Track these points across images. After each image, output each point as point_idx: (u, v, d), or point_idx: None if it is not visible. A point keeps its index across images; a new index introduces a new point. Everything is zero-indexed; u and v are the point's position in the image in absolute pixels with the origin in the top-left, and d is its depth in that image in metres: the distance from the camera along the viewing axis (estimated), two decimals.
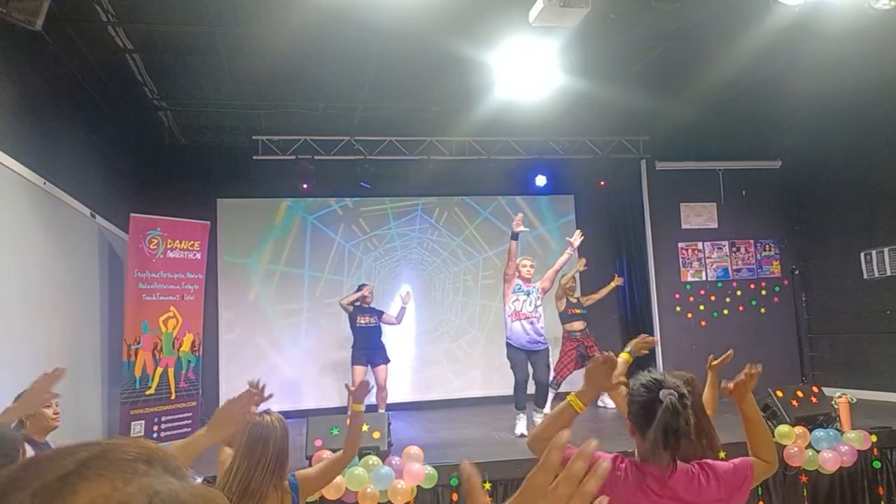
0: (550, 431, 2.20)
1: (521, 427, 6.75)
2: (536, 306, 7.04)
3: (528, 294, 7.07)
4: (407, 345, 9.77)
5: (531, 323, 6.99)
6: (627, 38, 6.46)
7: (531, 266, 7.20)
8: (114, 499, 0.64)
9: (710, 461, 2.21)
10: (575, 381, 8.43)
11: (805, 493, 5.67)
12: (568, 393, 2.31)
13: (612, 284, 8.85)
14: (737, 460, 2.25)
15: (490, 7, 5.68)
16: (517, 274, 7.06)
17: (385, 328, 8.29)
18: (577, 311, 8.56)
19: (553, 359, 7.71)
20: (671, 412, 2.01)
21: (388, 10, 5.35)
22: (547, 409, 7.18)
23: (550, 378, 7.37)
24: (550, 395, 8.56)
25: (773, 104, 8.32)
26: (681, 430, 2.02)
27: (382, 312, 8.32)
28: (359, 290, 8.18)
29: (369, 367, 8.17)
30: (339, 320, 9.52)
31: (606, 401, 8.57)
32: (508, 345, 7.07)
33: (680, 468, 2.11)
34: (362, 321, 8.16)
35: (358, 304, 8.16)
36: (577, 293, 8.99)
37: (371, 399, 8.57)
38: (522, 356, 6.99)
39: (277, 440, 2.86)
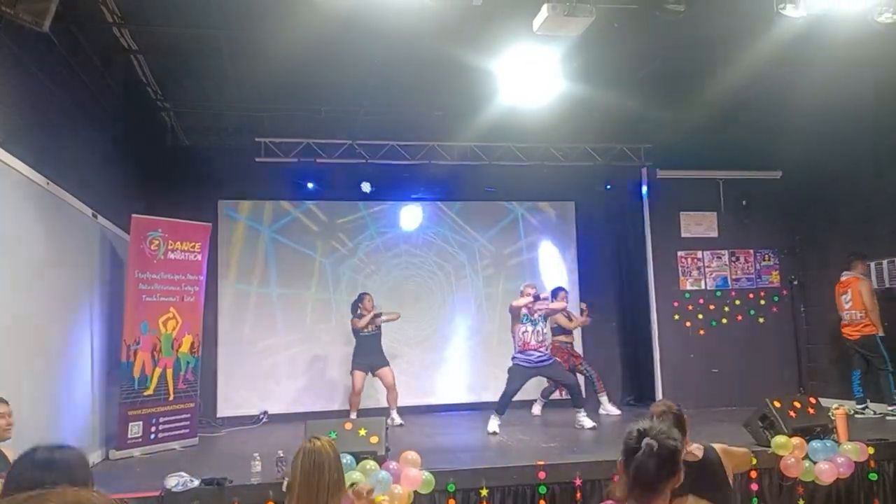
0: None
1: (493, 425, 7.26)
2: (543, 335, 7.51)
3: (534, 324, 7.44)
4: (405, 350, 9.77)
5: (538, 351, 7.44)
6: (631, 46, 6.49)
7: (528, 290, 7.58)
8: None
9: None
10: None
11: None
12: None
13: (583, 320, 9.10)
14: None
15: (494, 15, 5.70)
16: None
17: (404, 332, 8.70)
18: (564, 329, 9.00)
19: None
20: (644, 456, 2.15)
21: (393, 16, 5.37)
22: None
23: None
24: (539, 405, 8.84)
25: (775, 114, 8.34)
26: (650, 474, 2.14)
27: (380, 314, 8.43)
28: (360, 299, 8.48)
29: (370, 373, 8.26)
30: (336, 325, 9.55)
31: (609, 408, 8.58)
32: (516, 364, 7.47)
33: None
34: (366, 329, 8.28)
35: (360, 312, 8.29)
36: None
37: (381, 402, 8.65)
38: (526, 374, 7.44)
39: (332, 465, 2.89)
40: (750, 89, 7.42)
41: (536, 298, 7.43)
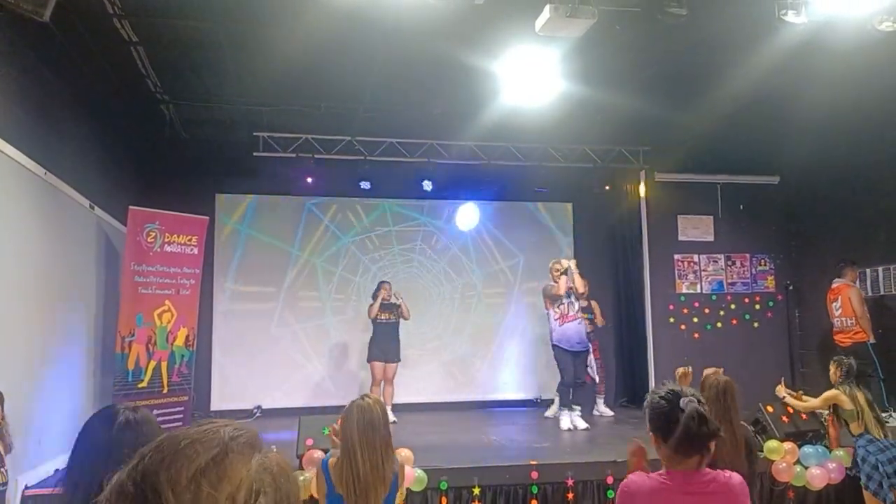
0: None
1: (565, 422, 7.34)
2: (578, 308, 7.54)
3: (568, 296, 7.49)
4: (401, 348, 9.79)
5: (579, 323, 7.49)
6: (632, 49, 6.49)
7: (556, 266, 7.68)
8: (248, 478, 0.77)
9: (730, 472, 2.31)
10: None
11: None
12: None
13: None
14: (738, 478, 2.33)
15: (495, 14, 5.69)
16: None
17: (401, 327, 8.50)
18: None
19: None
20: (694, 418, 2.15)
21: (395, 14, 5.37)
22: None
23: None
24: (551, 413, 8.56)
25: (775, 120, 8.35)
26: (704, 435, 2.16)
27: (399, 306, 8.39)
28: (378, 287, 8.41)
29: (386, 361, 8.24)
30: (331, 321, 9.55)
31: (603, 409, 8.60)
32: (557, 347, 7.46)
33: (708, 472, 2.22)
34: (381, 317, 8.27)
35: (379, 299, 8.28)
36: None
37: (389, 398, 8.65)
38: (569, 358, 7.41)
39: (383, 424, 2.87)
40: (750, 95, 7.42)
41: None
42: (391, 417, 8.05)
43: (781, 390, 5.93)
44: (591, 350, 8.26)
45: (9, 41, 4.92)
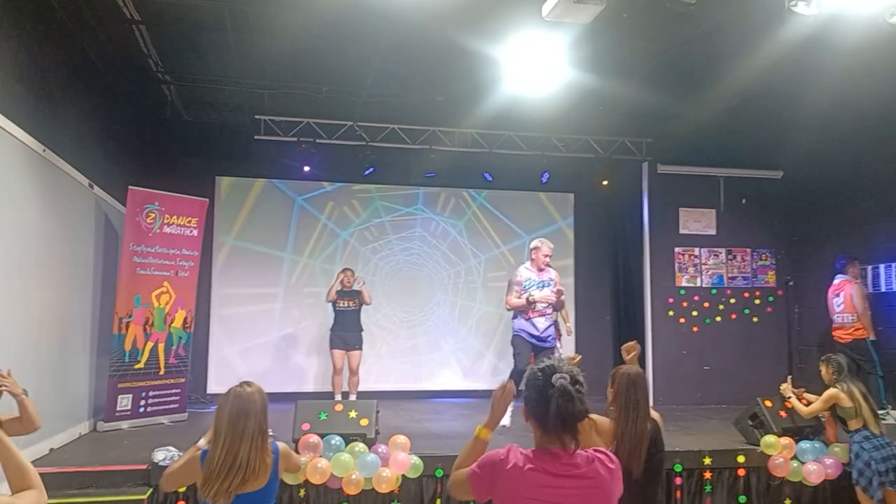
0: (467, 461, 2.29)
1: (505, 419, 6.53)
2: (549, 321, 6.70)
3: (541, 286, 6.67)
4: (395, 334, 9.77)
5: (544, 318, 6.65)
6: (638, 38, 6.43)
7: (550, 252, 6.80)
8: None
9: (601, 448, 2.22)
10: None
11: None
12: None
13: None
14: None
15: (501, 0, 5.64)
16: (530, 265, 6.80)
17: (364, 314, 8.35)
18: None
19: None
20: (564, 396, 2.07)
21: None
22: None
23: None
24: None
25: (780, 114, 8.30)
26: (575, 414, 2.08)
27: (360, 292, 8.28)
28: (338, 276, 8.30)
29: (346, 351, 8.16)
30: (329, 306, 9.53)
31: None
32: (516, 335, 6.73)
33: (578, 454, 2.13)
34: (341, 304, 8.19)
35: (338, 288, 8.20)
36: None
37: (372, 385, 8.64)
38: (528, 347, 6.66)
39: (258, 412, 2.89)
40: (755, 87, 7.36)
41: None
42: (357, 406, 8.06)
43: (788, 390, 5.87)
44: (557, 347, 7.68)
45: (9, 17, 4.86)
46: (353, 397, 8.06)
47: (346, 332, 8.17)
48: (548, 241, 6.93)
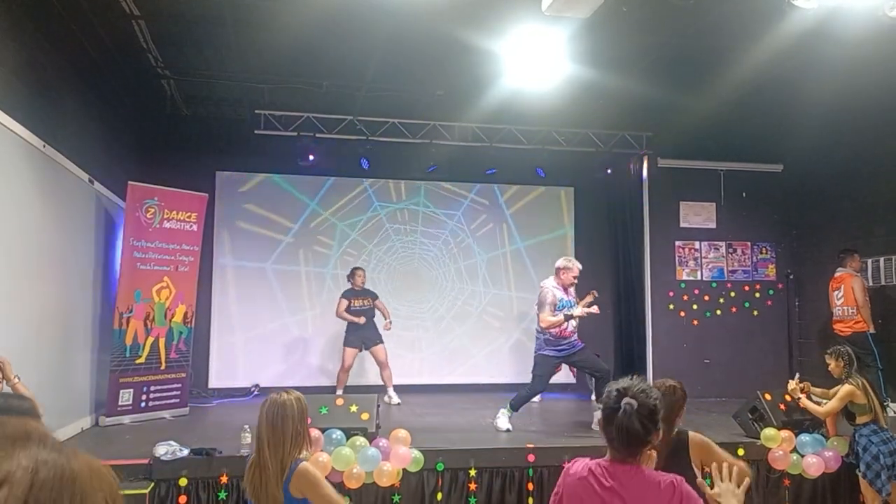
0: None
1: (503, 423, 6.45)
2: (576, 324, 6.64)
3: (571, 306, 6.59)
4: (396, 328, 9.76)
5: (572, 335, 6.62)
6: (638, 32, 6.41)
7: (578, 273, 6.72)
8: (1, 469, 0.75)
9: (685, 484, 2.22)
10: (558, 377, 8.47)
11: (787, 497, 5.72)
12: None
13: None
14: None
15: None
16: (556, 283, 6.69)
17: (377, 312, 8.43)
18: None
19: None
20: (626, 416, 2.19)
21: None
22: None
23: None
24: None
25: (780, 107, 8.29)
26: (632, 433, 2.18)
27: (376, 296, 8.40)
28: (351, 274, 8.37)
29: (362, 349, 8.23)
30: (329, 299, 9.53)
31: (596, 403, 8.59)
32: (543, 355, 6.62)
33: (643, 472, 2.20)
34: (356, 303, 8.22)
35: (350, 286, 8.26)
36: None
37: (371, 380, 8.69)
38: (552, 366, 6.63)
39: (295, 418, 2.97)
40: (755, 81, 7.35)
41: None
42: (395, 399, 8.14)
43: (797, 391, 5.63)
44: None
45: (8, 13, 4.86)
46: (390, 390, 8.14)
47: (365, 332, 8.20)
48: (576, 261, 6.82)
